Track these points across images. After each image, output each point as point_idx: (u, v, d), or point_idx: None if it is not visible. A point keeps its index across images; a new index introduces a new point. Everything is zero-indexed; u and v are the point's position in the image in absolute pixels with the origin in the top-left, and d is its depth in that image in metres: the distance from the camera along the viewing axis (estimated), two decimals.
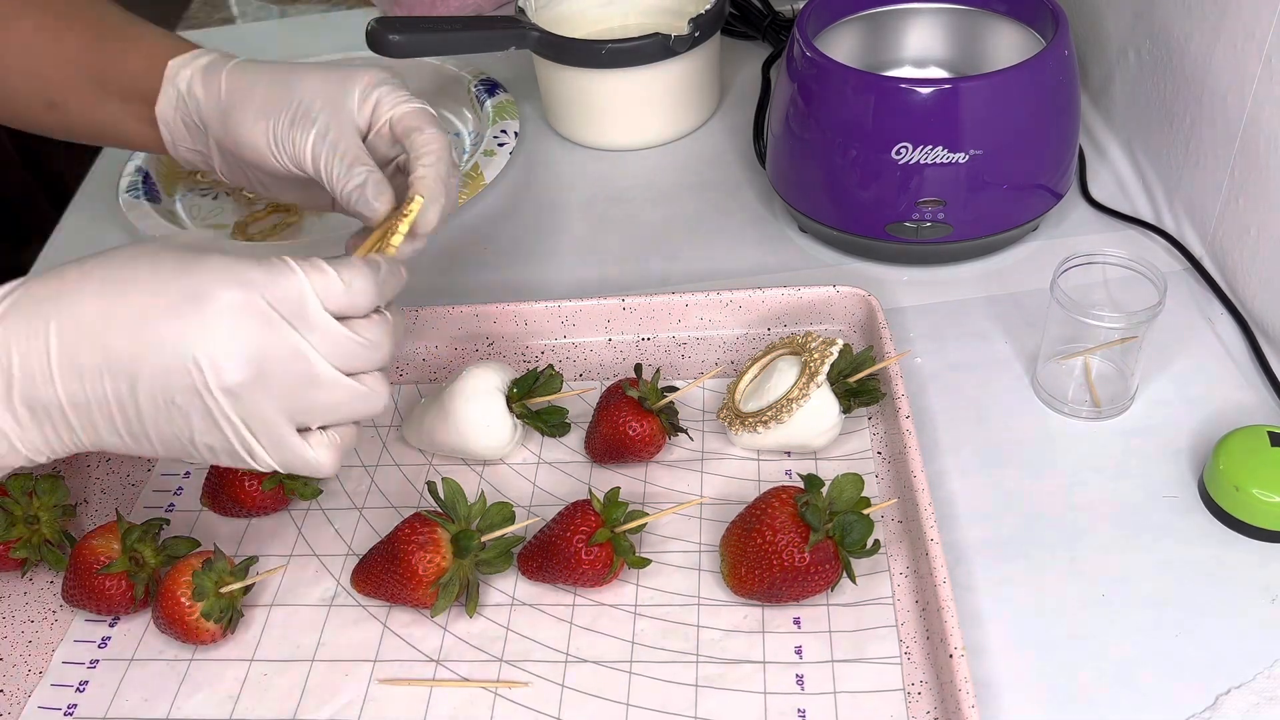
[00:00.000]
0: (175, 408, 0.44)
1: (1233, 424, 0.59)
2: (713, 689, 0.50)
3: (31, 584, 0.59)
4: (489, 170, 0.83)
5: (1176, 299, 0.67)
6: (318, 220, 0.84)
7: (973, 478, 0.59)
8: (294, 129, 0.56)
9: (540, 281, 0.76)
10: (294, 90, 0.57)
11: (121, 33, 0.62)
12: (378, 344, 0.47)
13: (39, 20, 0.62)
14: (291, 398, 0.45)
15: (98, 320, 0.43)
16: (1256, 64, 0.62)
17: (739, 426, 0.60)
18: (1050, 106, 0.68)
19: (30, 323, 0.43)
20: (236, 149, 0.59)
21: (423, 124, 0.57)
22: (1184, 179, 0.72)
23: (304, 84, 0.57)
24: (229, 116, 0.58)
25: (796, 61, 0.70)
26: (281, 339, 0.44)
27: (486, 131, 0.88)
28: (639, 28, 0.92)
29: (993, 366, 0.66)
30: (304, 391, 0.45)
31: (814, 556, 0.51)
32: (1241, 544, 0.55)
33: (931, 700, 0.49)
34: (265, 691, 0.52)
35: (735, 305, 0.67)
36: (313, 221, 0.84)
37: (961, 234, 0.70)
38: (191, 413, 0.44)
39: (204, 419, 0.45)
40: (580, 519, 0.53)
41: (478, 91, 0.93)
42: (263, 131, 0.57)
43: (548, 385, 0.61)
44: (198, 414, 0.44)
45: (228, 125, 0.58)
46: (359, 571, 0.55)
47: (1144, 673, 0.50)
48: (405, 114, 0.57)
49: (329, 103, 0.57)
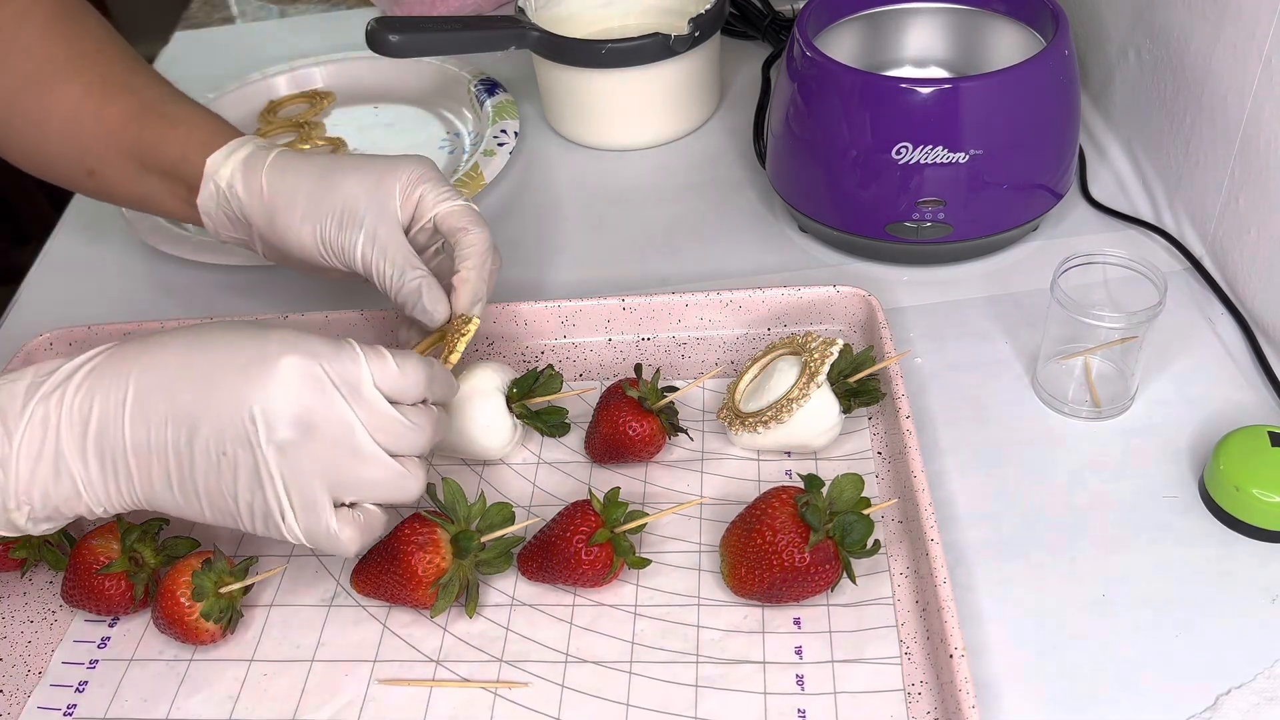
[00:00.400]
0: (225, 459, 0.47)
1: (1233, 424, 0.59)
2: (713, 689, 0.50)
3: (31, 584, 0.59)
4: (489, 170, 0.83)
5: (1176, 299, 0.67)
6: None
7: (973, 478, 0.59)
8: (341, 233, 0.59)
9: (540, 281, 0.76)
10: (337, 191, 0.59)
11: (161, 110, 0.64)
12: (421, 428, 0.49)
13: (84, 87, 0.64)
14: (333, 465, 0.47)
15: (173, 374, 0.47)
16: (1256, 64, 0.62)
17: (739, 426, 0.60)
18: (1050, 106, 0.68)
19: (115, 374, 0.47)
20: (283, 246, 0.61)
21: (468, 224, 0.60)
22: (1184, 179, 0.72)
23: (346, 184, 0.59)
24: (274, 219, 0.60)
25: (796, 61, 0.70)
26: (332, 406, 0.47)
27: (486, 131, 0.88)
28: (639, 28, 0.92)
29: (993, 366, 0.66)
30: (346, 461, 0.48)
31: (814, 556, 0.51)
32: (1241, 544, 0.55)
33: (931, 700, 0.49)
34: (265, 691, 0.52)
35: (735, 305, 0.67)
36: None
37: (961, 234, 0.70)
38: (239, 465, 0.47)
39: (249, 474, 0.47)
40: (580, 519, 0.53)
41: (478, 91, 0.93)
42: (310, 234, 0.60)
43: (548, 385, 0.61)
44: (245, 468, 0.47)
45: (274, 226, 0.61)
46: (359, 572, 0.55)
47: (1144, 673, 0.50)
48: (450, 213, 0.60)
49: (373, 204, 0.59)
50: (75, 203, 0.90)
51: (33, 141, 0.66)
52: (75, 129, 0.64)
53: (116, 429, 0.47)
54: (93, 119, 0.64)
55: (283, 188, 0.60)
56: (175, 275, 0.80)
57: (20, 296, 0.81)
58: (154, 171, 0.64)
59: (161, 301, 0.78)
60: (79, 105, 0.64)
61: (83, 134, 0.64)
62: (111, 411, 0.47)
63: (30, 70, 0.64)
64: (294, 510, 0.47)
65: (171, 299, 0.78)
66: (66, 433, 0.47)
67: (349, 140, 0.93)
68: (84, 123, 0.64)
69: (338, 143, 0.92)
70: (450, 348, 0.58)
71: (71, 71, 0.64)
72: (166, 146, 0.63)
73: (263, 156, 0.61)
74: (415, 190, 0.60)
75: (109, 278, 0.81)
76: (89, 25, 0.66)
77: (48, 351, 0.70)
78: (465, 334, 0.58)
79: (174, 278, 0.80)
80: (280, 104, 0.98)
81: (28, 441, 0.47)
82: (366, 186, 0.59)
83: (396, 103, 0.97)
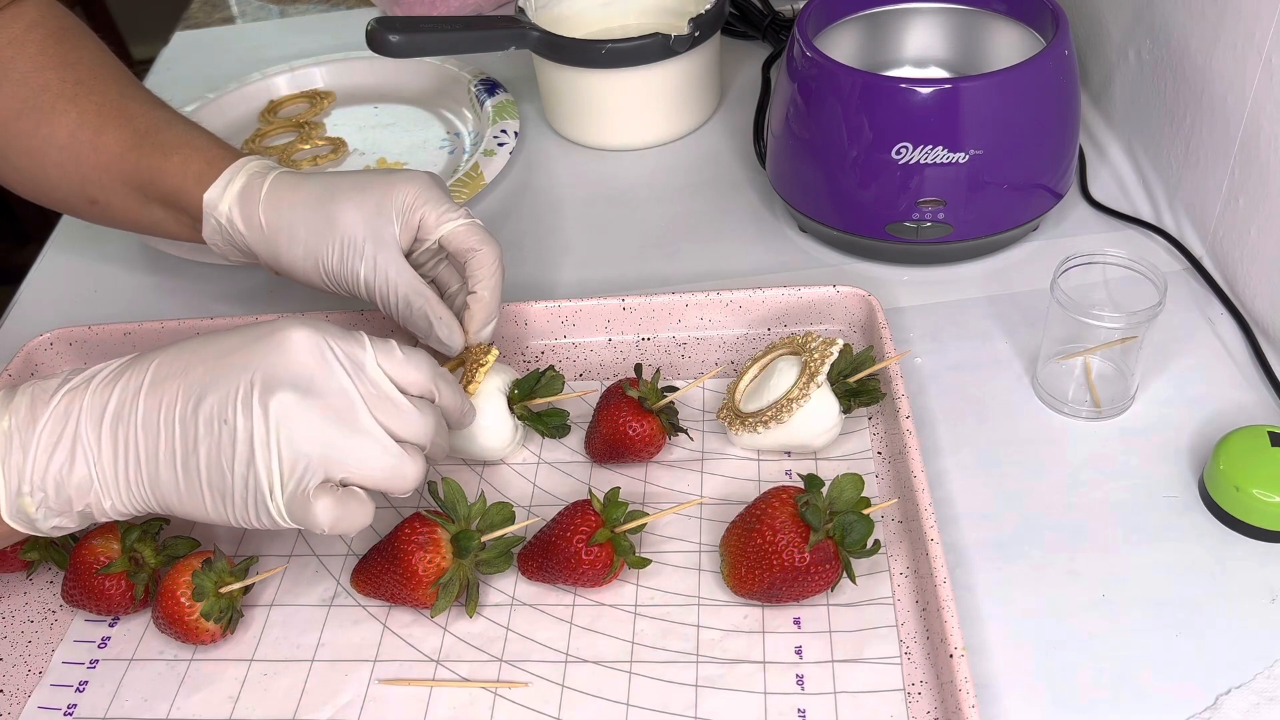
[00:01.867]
0: (225, 427, 0.47)
1: (1233, 424, 0.59)
2: (713, 689, 0.50)
3: (31, 584, 0.59)
4: (489, 170, 0.83)
5: (1176, 299, 0.67)
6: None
7: (973, 478, 0.59)
8: (344, 265, 0.60)
9: (540, 281, 0.76)
10: (336, 224, 0.59)
11: (155, 139, 0.64)
12: (421, 413, 0.50)
13: (80, 116, 0.64)
14: (329, 436, 0.47)
15: (189, 356, 0.49)
16: (1256, 64, 0.62)
17: (739, 426, 0.60)
18: (1050, 106, 0.68)
19: (138, 365, 0.49)
20: (290, 274, 0.62)
21: (477, 243, 0.61)
22: (1184, 179, 0.72)
23: (344, 216, 0.59)
24: (277, 254, 0.61)
25: (796, 61, 0.70)
26: (333, 375, 0.48)
27: (487, 131, 0.88)
28: (639, 28, 0.92)
29: (993, 366, 0.66)
30: (342, 433, 0.47)
31: (814, 556, 0.51)
32: (1241, 544, 0.55)
33: (931, 700, 0.49)
34: (265, 691, 0.52)
35: (735, 305, 0.67)
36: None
37: (961, 234, 0.70)
38: (238, 432, 0.47)
39: (245, 442, 0.47)
40: (580, 519, 0.53)
41: (478, 91, 0.93)
42: (313, 268, 0.61)
43: (549, 386, 0.61)
44: (242, 435, 0.47)
45: (278, 259, 0.62)
46: (359, 571, 0.55)
47: (1144, 673, 0.50)
48: (456, 233, 0.60)
49: (372, 233, 0.59)
50: None
51: (31, 172, 0.66)
52: (73, 159, 0.64)
53: (131, 408, 0.48)
54: (90, 149, 0.64)
55: (281, 223, 0.60)
56: (175, 275, 0.80)
57: (20, 296, 0.81)
58: (156, 201, 0.65)
59: (162, 301, 0.78)
60: (75, 135, 0.64)
61: (81, 164, 0.64)
62: (129, 395, 0.48)
63: (26, 98, 0.64)
64: (281, 480, 0.47)
65: (172, 299, 0.78)
66: (86, 418, 0.48)
67: (349, 140, 0.93)
68: (81, 152, 0.64)
69: (338, 142, 0.92)
70: (469, 378, 0.59)
71: (67, 100, 0.64)
72: (164, 178, 0.63)
73: (259, 185, 0.61)
74: (415, 213, 0.60)
75: (109, 278, 0.81)
76: (85, 51, 0.66)
77: (47, 351, 0.70)
78: (484, 364, 0.59)
79: (174, 278, 0.80)
80: (280, 104, 0.98)
81: (49, 428, 0.47)
82: (365, 215, 0.59)
83: (396, 103, 0.97)
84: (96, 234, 0.85)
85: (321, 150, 0.91)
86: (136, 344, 0.70)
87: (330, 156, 0.91)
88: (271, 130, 0.94)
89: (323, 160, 0.90)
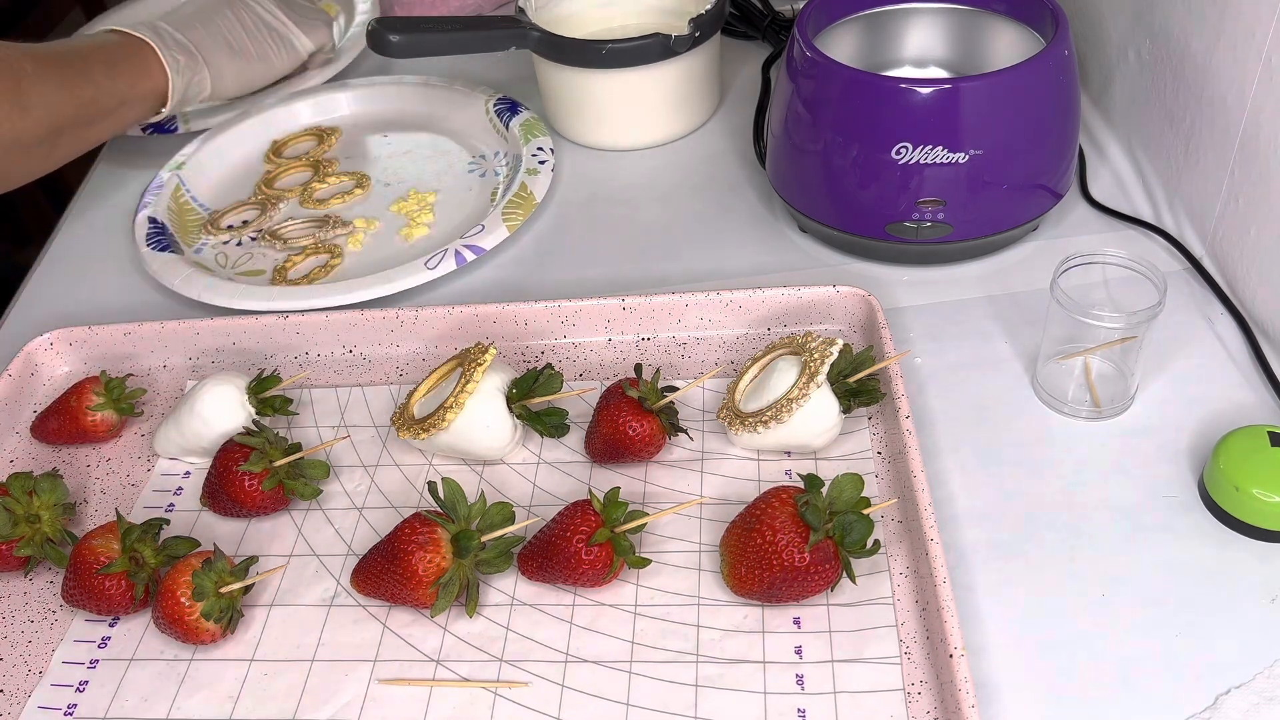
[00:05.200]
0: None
1: (1233, 424, 0.59)
2: (713, 689, 0.50)
3: (31, 584, 0.59)
4: (536, 188, 0.80)
5: (1176, 299, 0.67)
6: (358, 261, 0.79)
7: (973, 478, 0.59)
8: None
9: (540, 281, 0.76)
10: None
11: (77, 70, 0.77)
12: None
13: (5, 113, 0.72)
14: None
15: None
16: (1256, 64, 0.62)
17: (739, 426, 0.60)
18: (1050, 106, 0.68)
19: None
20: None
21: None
22: (1184, 179, 0.72)
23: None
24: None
25: (796, 61, 0.70)
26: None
27: (523, 151, 0.85)
28: (639, 28, 0.92)
29: (993, 366, 0.66)
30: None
31: (814, 556, 0.51)
32: (1241, 544, 0.55)
33: (931, 700, 0.49)
34: (265, 691, 0.52)
35: (735, 305, 0.67)
36: (353, 263, 0.79)
37: (961, 234, 0.70)
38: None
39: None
40: (580, 519, 0.53)
41: (497, 111, 0.90)
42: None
43: (547, 385, 0.61)
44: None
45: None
46: (359, 571, 0.55)
47: (1144, 673, 0.50)
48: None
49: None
50: (75, 203, 0.90)
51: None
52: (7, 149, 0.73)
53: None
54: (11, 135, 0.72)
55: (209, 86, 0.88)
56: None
57: (20, 296, 0.81)
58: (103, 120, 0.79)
59: (162, 301, 0.78)
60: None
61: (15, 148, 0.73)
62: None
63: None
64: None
65: (172, 299, 0.78)
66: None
67: (370, 173, 0.88)
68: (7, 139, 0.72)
69: (360, 177, 0.88)
70: (467, 377, 0.59)
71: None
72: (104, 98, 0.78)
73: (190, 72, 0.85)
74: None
75: (109, 278, 0.81)
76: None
77: (47, 351, 0.70)
78: (482, 363, 0.59)
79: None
80: (285, 143, 0.93)
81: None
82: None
83: (405, 130, 0.93)
84: (96, 234, 0.86)
85: (345, 186, 0.87)
86: (136, 344, 0.70)
87: (357, 192, 0.86)
88: (282, 172, 0.89)
89: (349, 197, 0.86)
